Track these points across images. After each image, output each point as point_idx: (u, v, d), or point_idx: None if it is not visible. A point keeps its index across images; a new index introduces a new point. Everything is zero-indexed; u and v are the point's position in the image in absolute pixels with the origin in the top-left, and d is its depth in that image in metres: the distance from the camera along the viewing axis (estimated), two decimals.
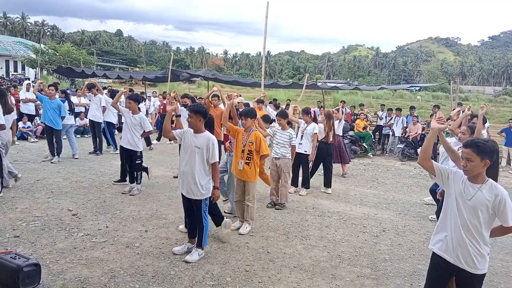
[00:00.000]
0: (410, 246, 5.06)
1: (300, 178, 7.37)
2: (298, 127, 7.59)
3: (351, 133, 12.41)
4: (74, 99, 12.45)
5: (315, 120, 7.66)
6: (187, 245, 4.37)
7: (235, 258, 4.32)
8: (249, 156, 5.06)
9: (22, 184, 6.56)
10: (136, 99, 6.67)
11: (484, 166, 2.62)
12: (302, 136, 7.08)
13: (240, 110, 5.81)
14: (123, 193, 6.43)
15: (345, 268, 4.27)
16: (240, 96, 10.02)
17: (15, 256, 3.49)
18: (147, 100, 15.09)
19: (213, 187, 4.20)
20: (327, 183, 7.58)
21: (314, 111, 7.59)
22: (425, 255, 4.52)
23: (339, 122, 8.49)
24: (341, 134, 8.78)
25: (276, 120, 6.60)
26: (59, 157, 8.54)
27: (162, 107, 13.07)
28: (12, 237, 4.49)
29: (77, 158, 8.86)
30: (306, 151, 7.06)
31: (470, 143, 2.63)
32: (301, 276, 4.02)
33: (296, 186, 7.39)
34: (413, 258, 4.66)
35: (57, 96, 8.78)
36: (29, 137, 11.03)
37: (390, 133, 12.85)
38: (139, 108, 6.69)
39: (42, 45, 36.52)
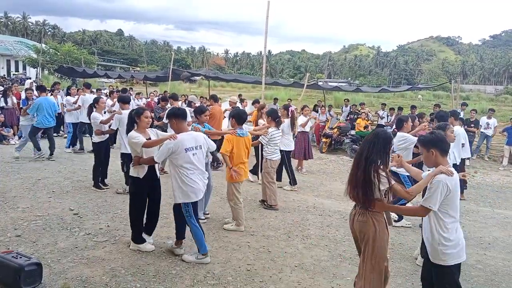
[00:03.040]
0: (411, 245, 5.05)
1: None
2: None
3: (352, 132, 12.40)
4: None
5: (292, 118, 7.65)
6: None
7: (236, 258, 4.33)
8: None
9: (24, 184, 6.57)
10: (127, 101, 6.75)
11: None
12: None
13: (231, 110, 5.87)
14: (117, 193, 6.43)
15: (346, 267, 4.27)
16: (240, 95, 10.01)
17: (17, 256, 3.50)
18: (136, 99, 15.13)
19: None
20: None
21: (292, 110, 7.66)
22: None
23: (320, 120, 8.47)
24: (308, 130, 9.12)
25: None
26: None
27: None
28: (14, 236, 4.50)
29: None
30: (283, 149, 7.10)
31: None
32: (302, 276, 4.02)
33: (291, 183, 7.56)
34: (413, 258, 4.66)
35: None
36: None
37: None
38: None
39: (43, 45, 36.56)
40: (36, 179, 6.93)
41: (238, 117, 5.23)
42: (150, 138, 4.33)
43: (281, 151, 7.09)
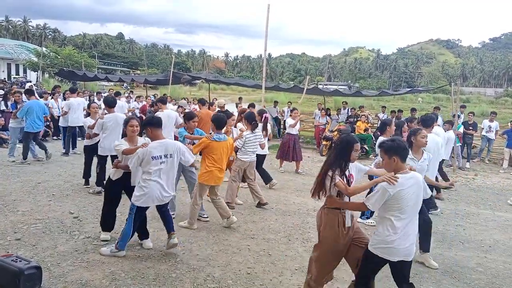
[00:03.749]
0: None
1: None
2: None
3: (352, 135, 12.41)
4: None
5: (265, 123, 7.61)
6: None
7: (236, 261, 4.32)
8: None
9: (24, 187, 6.57)
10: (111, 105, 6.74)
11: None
12: None
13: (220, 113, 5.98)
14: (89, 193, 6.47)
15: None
16: (241, 99, 10.01)
17: (16, 259, 3.48)
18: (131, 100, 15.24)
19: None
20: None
21: (266, 116, 7.58)
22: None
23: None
24: (294, 133, 9.35)
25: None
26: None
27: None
28: (14, 239, 4.50)
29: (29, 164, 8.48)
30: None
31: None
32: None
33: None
34: (413, 261, 4.64)
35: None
36: None
37: None
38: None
39: (44, 48, 36.64)
40: (36, 182, 6.93)
41: (218, 121, 5.15)
42: None
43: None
